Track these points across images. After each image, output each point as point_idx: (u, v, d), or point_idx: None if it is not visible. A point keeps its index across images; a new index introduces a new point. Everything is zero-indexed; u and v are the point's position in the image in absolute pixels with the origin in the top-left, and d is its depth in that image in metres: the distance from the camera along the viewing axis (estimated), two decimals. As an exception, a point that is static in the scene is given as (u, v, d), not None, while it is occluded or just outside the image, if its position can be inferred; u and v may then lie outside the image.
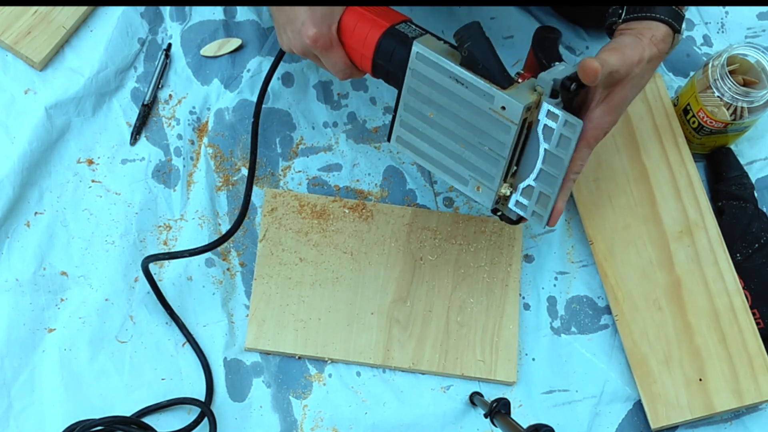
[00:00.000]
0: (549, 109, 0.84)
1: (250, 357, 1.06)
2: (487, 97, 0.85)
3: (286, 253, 1.09)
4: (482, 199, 0.91)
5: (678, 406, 1.03)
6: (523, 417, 1.05)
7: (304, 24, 0.91)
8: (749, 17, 1.22)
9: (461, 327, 1.07)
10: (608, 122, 0.87)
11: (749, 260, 1.09)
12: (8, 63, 1.13)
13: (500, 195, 0.90)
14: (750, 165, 1.15)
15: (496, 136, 0.86)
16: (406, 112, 0.92)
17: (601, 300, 1.10)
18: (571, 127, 0.83)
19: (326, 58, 0.94)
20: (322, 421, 1.04)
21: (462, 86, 0.86)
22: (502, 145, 0.86)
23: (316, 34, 0.91)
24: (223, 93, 1.15)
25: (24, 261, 1.06)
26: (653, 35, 0.86)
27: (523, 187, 0.89)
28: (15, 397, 1.02)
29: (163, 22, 1.17)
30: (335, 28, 0.92)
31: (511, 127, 0.85)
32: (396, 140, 0.94)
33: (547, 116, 0.84)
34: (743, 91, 1.05)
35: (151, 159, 1.12)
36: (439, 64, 0.87)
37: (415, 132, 0.92)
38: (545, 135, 0.85)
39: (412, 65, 0.89)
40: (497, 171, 0.88)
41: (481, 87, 0.85)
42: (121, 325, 1.06)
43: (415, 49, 0.88)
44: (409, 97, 0.91)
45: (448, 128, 0.89)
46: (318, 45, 0.92)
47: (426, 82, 0.89)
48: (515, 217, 0.92)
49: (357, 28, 0.91)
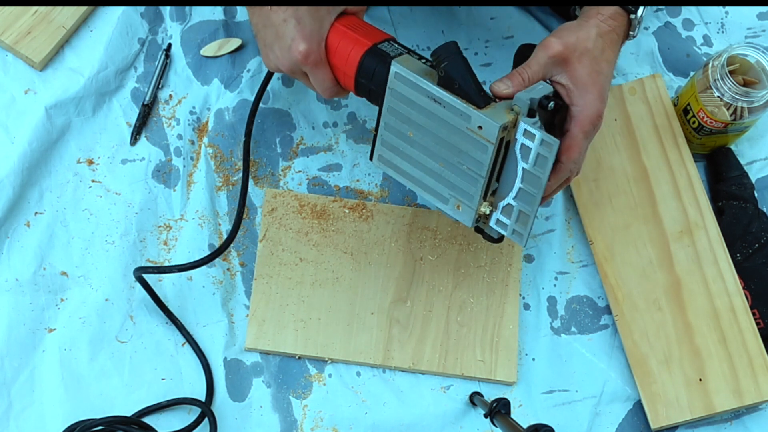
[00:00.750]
0: (525, 128, 0.84)
1: (250, 357, 1.06)
2: (464, 117, 0.86)
3: (286, 253, 1.09)
4: (462, 218, 0.91)
5: (678, 406, 1.03)
6: (523, 417, 1.05)
7: (294, 40, 0.91)
8: (749, 17, 1.22)
9: (461, 327, 1.07)
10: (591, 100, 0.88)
11: (749, 260, 1.09)
12: (8, 63, 1.13)
13: (480, 214, 0.90)
14: (750, 165, 1.15)
15: (473, 155, 0.87)
16: (386, 131, 0.92)
17: (601, 300, 1.10)
18: (548, 146, 0.84)
19: (314, 75, 0.93)
20: (322, 421, 1.04)
21: (439, 106, 0.87)
22: (480, 164, 0.87)
23: (307, 50, 0.91)
24: (223, 93, 1.15)
25: (24, 261, 1.06)
26: (599, 13, 0.91)
27: (503, 206, 0.89)
28: (15, 397, 1.02)
29: (163, 22, 1.17)
30: (323, 45, 0.92)
31: (488, 146, 0.85)
32: (378, 159, 0.95)
33: (524, 135, 0.85)
34: (743, 91, 1.05)
35: (151, 159, 1.12)
36: (417, 84, 0.87)
37: (395, 151, 0.93)
38: (522, 154, 0.86)
39: (390, 85, 0.89)
40: (476, 190, 0.88)
41: (458, 107, 0.86)
42: (121, 325, 1.06)
43: (394, 69, 0.88)
44: (389, 117, 0.91)
45: (427, 147, 0.90)
46: (309, 61, 0.91)
47: (404, 101, 0.89)
48: (496, 236, 0.93)
49: (340, 46, 0.92)
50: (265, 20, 0.93)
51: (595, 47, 0.89)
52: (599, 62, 0.89)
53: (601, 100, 0.89)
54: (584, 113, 0.89)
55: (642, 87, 1.15)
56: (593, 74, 0.89)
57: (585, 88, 0.88)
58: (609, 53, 0.91)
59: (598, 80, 0.89)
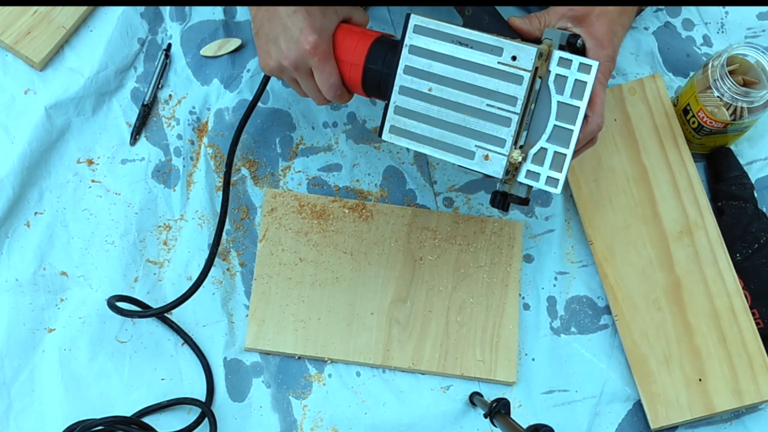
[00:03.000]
0: (561, 56, 0.84)
1: (250, 357, 1.06)
2: (495, 51, 0.85)
3: (285, 253, 1.09)
4: (492, 170, 0.87)
5: (678, 406, 1.03)
6: (523, 417, 1.05)
7: (303, 31, 0.90)
8: (749, 17, 1.22)
9: (461, 327, 1.07)
10: (606, 56, 0.89)
11: (749, 260, 1.09)
12: (8, 63, 1.13)
13: (511, 162, 0.87)
14: (750, 165, 1.15)
15: (506, 91, 0.85)
16: (401, 95, 0.90)
17: (600, 300, 1.10)
18: (587, 69, 0.83)
19: (321, 69, 0.92)
20: (322, 421, 1.04)
21: (466, 48, 0.86)
22: (514, 99, 0.85)
23: (316, 41, 0.90)
24: (223, 93, 1.15)
25: (24, 261, 1.06)
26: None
27: (534, 153, 0.87)
28: (15, 397, 1.02)
29: (163, 22, 1.17)
30: (332, 39, 0.92)
31: (523, 76, 0.84)
32: (390, 130, 0.91)
33: (559, 65, 0.84)
34: (743, 91, 1.04)
35: (151, 159, 1.12)
36: (441, 30, 0.87)
37: (411, 115, 0.90)
38: (557, 86, 0.85)
39: (408, 41, 0.88)
40: (508, 131, 0.86)
41: (489, 42, 0.85)
42: (120, 325, 1.06)
43: (413, 22, 0.87)
44: (405, 78, 0.89)
45: (450, 99, 0.88)
46: (318, 52, 0.91)
47: (425, 54, 0.88)
48: (524, 194, 0.89)
49: (346, 40, 0.92)
50: (272, 13, 0.92)
51: (614, 9, 0.91)
52: (615, 24, 0.91)
53: (612, 60, 0.90)
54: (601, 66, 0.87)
55: (642, 87, 1.15)
56: (609, 33, 0.90)
57: (601, 44, 0.89)
58: (625, 19, 0.92)
59: (612, 39, 0.90)
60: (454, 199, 1.13)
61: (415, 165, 1.14)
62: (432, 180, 1.13)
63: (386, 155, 1.14)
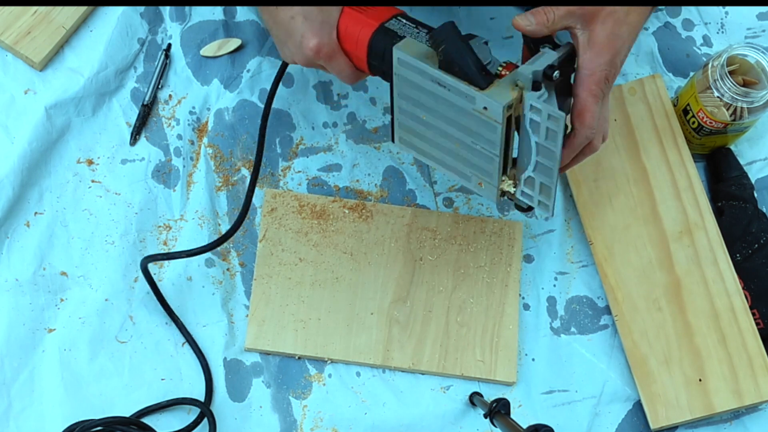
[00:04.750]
0: (531, 104, 0.83)
1: (250, 357, 1.06)
2: (468, 99, 0.85)
3: (285, 253, 1.09)
4: (486, 195, 0.91)
5: (678, 407, 1.03)
6: (523, 417, 1.05)
7: (303, 36, 0.90)
8: (749, 17, 1.22)
9: (461, 327, 1.07)
10: (602, 64, 0.86)
11: (749, 260, 1.09)
12: (8, 63, 1.13)
13: (502, 190, 0.90)
14: (750, 165, 1.15)
15: (484, 134, 0.86)
16: (401, 114, 0.92)
17: (600, 300, 1.10)
18: (555, 121, 0.82)
19: (331, 66, 0.93)
20: (322, 422, 1.04)
21: (444, 89, 0.86)
22: (492, 143, 0.86)
23: (318, 44, 0.90)
24: (223, 93, 1.15)
25: (24, 261, 1.06)
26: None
27: (525, 178, 0.88)
28: (15, 397, 1.02)
29: (163, 22, 1.17)
30: (334, 35, 0.91)
31: (496, 126, 0.84)
32: (399, 141, 0.94)
33: (531, 111, 0.84)
34: (743, 91, 1.05)
35: (151, 159, 1.12)
36: (420, 69, 0.86)
37: (413, 132, 0.92)
38: (533, 128, 0.84)
39: (396, 71, 0.88)
40: (493, 168, 0.88)
41: (461, 89, 0.84)
42: (120, 325, 1.06)
43: (396, 55, 0.87)
44: (401, 101, 0.90)
45: (441, 129, 0.89)
46: (321, 55, 0.91)
47: (412, 86, 0.88)
48: (525, 206, 0.92)
49: (349, 30, 0.91)
50: (274, 18, 0.92)
51: (622, 10, 0.87)
52: (621, 25, 0.87)
53: (612, 65, 0.87)
54: (592, 77, 0.86)
55: (642, 87, 1.15)
56: (611, 37, 0.87)
57: (599, 52, 0.86)
58: (634, 16, 0.89)
59: (614, 44, 0.87)
60: (454, 199, 1.13)
61: (415, 165, 1.14)
62: (432, 180, 1.13)
63: (386, 155, 1.14)
